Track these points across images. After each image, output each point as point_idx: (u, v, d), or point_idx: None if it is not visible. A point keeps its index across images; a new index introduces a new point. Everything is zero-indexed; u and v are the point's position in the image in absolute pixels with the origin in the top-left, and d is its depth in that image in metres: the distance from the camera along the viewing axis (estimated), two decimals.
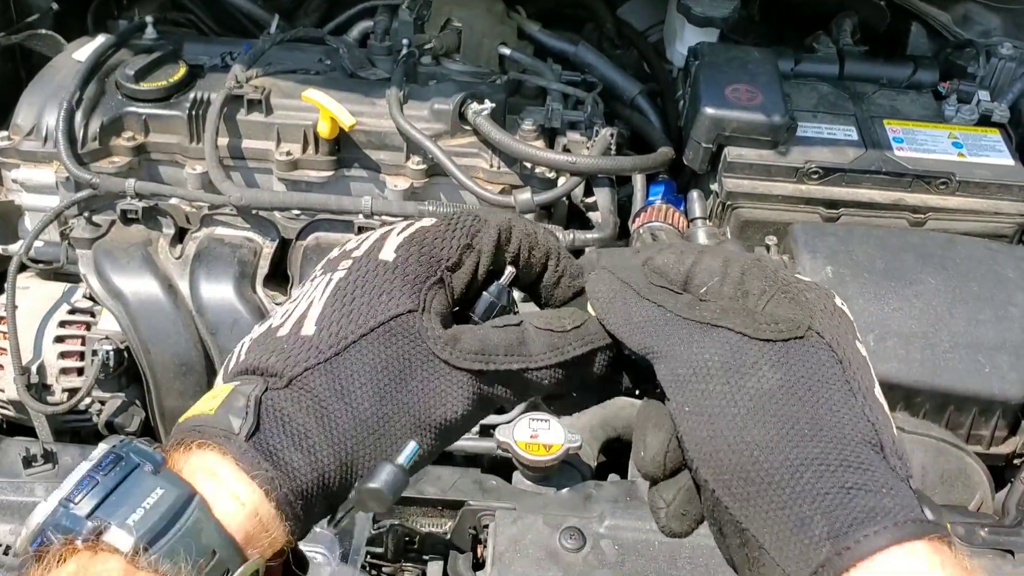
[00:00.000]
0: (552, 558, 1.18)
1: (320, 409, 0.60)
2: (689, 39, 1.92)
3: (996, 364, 1.41)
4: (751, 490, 0.55)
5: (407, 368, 0.62)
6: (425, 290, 0.64)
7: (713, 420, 0.57)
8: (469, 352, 0.63)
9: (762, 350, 0.58)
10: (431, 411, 0.63)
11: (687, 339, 0.60)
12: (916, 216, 1.65)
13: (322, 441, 0.60)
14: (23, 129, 1.69)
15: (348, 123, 1.63)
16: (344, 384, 0.61)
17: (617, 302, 0.65)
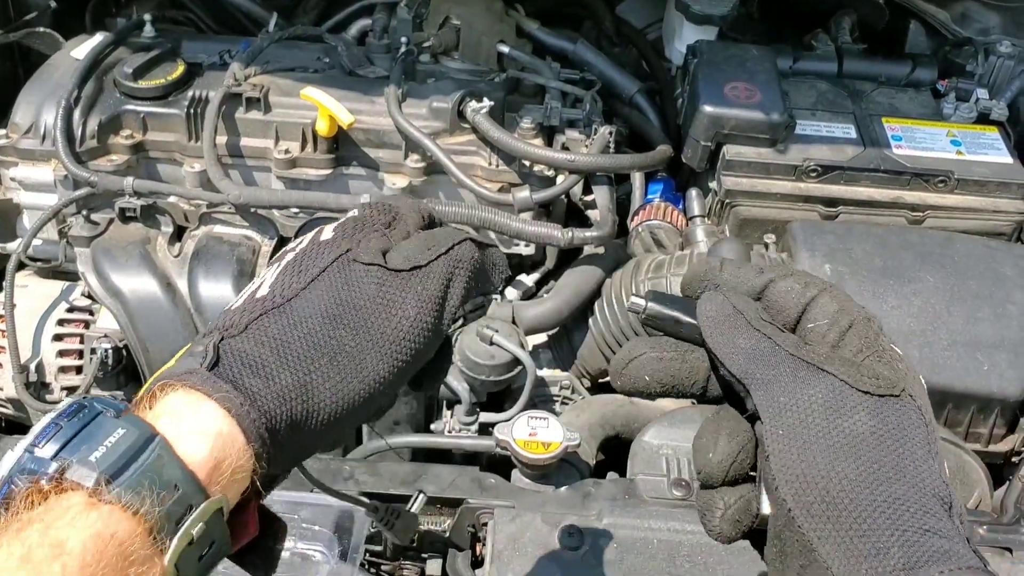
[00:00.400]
0: (551, 556, 1.18)
1: (275, 341, 0.64)
2: (688, 37, 1.92)
3: (994, 362, 1.41)
4: (832, 514, 0.59)
5: (353, 291, 0.67)
6: (359, 236, 0.72)
7: (807, 447, 0.61)
8: (401, 257, 0.70)
9: (860, 399, 0.63)
10: (386, 322, 0.67)
11: (793, 374, 0.64)
12: (914, 214, 1.65)
13: (278, 365, 0.63)
14: (21, 127, 1.69)
15: (347, 121, 1.62)
16: (296, 319, 0.65)
17: (725, 326, 0.68)
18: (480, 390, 1.57)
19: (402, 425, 1.63)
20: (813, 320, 0.68)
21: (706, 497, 0.68)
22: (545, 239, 1.63)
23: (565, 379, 1.66)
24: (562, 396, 1.65)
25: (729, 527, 0.67)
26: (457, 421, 1.56)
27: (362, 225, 0.73)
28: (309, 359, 0.64)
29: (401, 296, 0.68)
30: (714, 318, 0.69)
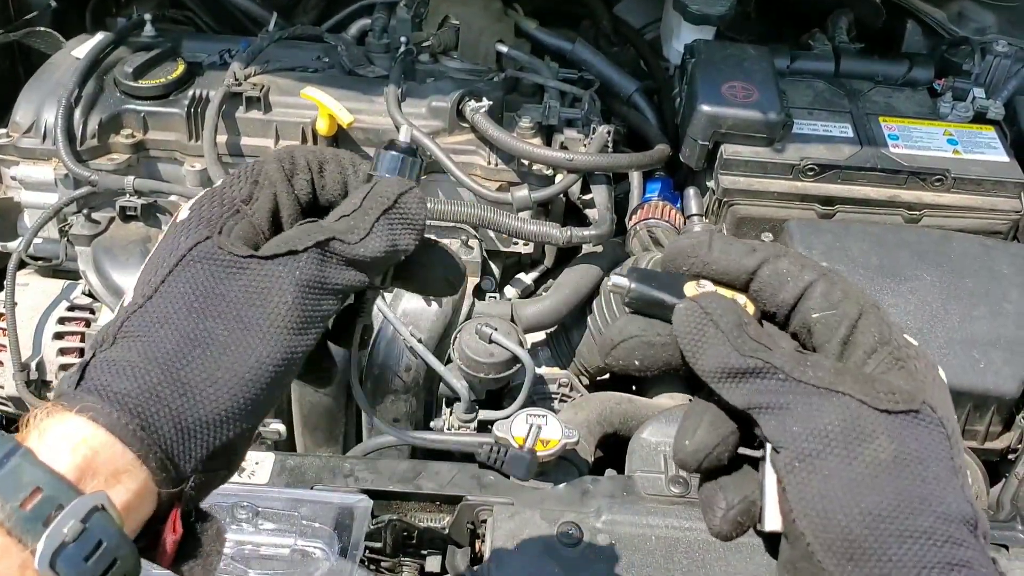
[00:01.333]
0: (549, 552, 1.19)
1: (140, 341, 0.60)
2: (685, 36, 1.93)
3: (991, 360, 1.42)
4: (855, 552, 0.57)
5: (219, 282, 0.62)
6: (220, 221, 0.65)
7: (828, 481, 0.58)
8: (272, 244, 0.65)
9: (879, 420, 0.59)
10: (261, 310, 0.62)
11: (804, 401, 0.60)
12: (911, 213, 1.66)
13: (143, 362, 0.59)
14: (22, 126, 1.69)
15: (346, 120, 1.63)
16: (159, 315, 0.61)
17: (710, 350, 0.62)
18: (479, 388, 1.58)
19: (401, 422, 1.64)
20: (817, 308, 0.63)
21: (709, 493, 0.65)
22: (544, 238, 1.63)
23: (564, 377, 1.66)
24: (561, 394, 1.65)
25: (729, 528, 0.64)
26: (456, 419, 1.56)
27: (220, 201, 0.67)
28: (178, 353, 0.60)
29: (277, 284, 0.63)
30: (694, 339, 0.62)
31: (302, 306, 0.63)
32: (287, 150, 0.70)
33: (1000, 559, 1.23)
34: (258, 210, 0.67)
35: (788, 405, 0.59)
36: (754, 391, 0.60)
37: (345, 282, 0.65)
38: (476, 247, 1.68)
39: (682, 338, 0.63)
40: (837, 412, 0.59)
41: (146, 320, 0.61)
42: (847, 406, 0.59)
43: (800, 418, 0.59)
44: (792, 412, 0.59)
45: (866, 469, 0.58)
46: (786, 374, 0.60)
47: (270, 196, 0.68)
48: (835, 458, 0.58)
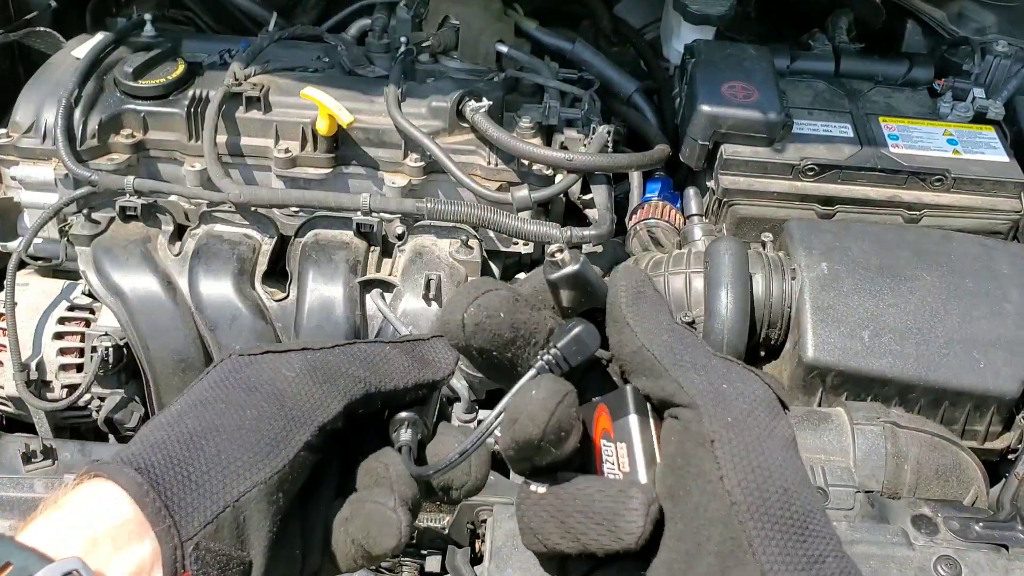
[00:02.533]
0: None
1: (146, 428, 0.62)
2: (685, 36, 1.93)
3: (991, 360, 1.42)
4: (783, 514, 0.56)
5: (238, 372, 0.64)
6: None
7: (762, 440, 0.58)
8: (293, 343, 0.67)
9: (780, 407, 0.61)
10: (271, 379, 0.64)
11: (731, 369, 0.61)
12: (911, 213, 1.66)
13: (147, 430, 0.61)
14: (22, 126, 1.69)
15: (346, 120, 1.63)
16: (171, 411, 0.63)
17: (647, 304, 0.63)
18: (478, 388, 1.58)
19: None
20: None
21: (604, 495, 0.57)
22: (543, 238, 1.63)
23: None
24: None
25: (652, 526, 0.56)
26: (456, 418, 1.56)
27: None
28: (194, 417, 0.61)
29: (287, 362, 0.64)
30: (635, 289, 0.64)
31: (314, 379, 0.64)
32: None
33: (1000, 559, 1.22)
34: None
35: (716, 368, 0.60)
36: (680, 345, 0.61)
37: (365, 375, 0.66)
38: (476, 247, 1.68)
39: (623, 282, 0.64)
40: (760, 386, 0.60)
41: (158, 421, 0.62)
42: (766, 387, 0.61)
43: (730, 381, 0.60)
44: (719, 373, 0.60)
45: (783, 441, 0.59)
46: (706, 348, 0.62)
47: None
48: (764, 423, 0.58)
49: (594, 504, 0.57)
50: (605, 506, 0.56)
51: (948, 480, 1.38)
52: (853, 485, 1.30)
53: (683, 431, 0.58)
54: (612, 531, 0.56)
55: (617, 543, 0.56)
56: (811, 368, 1.43)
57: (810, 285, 1.47)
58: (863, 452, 1.35)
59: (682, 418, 0.58)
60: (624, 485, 0.57)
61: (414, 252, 1.67)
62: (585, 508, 0.57)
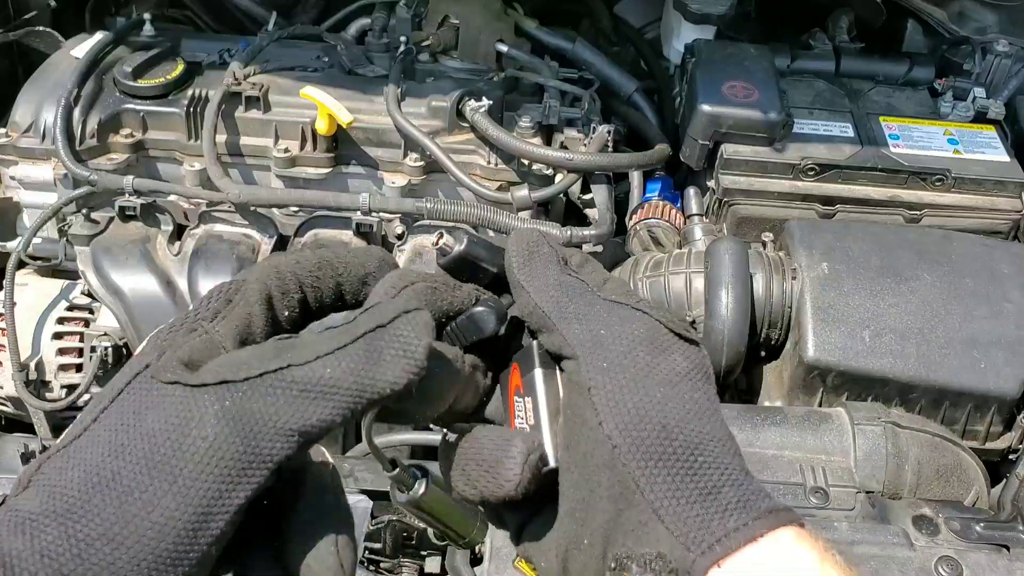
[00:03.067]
0: None
1: (44, 489, 0.51)
2: (686, 36, 1.92)
3: (991, 360, 1.42)
4: (665, 451, 0.56)
5: (141, 415, 0.52)
6: (166, 341, 0.55)
7: (639, 380, 0.58)
8: (212, 369, 0.53)
9: (674, 340, 0.61)
10: (176, 447, 0.51)
11: (612, 312, 0.62)
12: (912, 212, 1.66)
13: (45, 518, 0.50)
14: (21, 126, 1.69)
15: (346, 120, 1.63)
16: (76, 459, 0.52)
17: (540, 261, 0.65)
18: None
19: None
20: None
21: (493, 443, 0.58)
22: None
23: None
24: None
25: (530, 478, 0.57)
26: None
27: (180, 323, 0.57)
28: (82, 504, 0.50)
29: (199, 414, 0.51)
30: (527, 250, 0.65)
31: (232, 447, 0.51)
32: (277, 266, 0.61)
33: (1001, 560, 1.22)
34: (222, 327, 0.57)
35: (597, 313, 0.61)
36: (566, 294, 0.62)
37: (302, 421, 0.51)
38: None
39: (516, 251, 0.65)
40: (642, 325, 0.61)
41: (61, 463, 0.52)
42: (650, 323, 0.61)
43: (607, 324, 0.61)
44: (599, 318, 0.61)
45: (667, 376, 0.59)
46: (593, 291, 0.63)
47: (242, 316, 0.58)
48: (642, 361, 0.59)
49: (483, 452, 0.58)
50: (491, 454, 0.58)
51: (949, 480, 1.38)
52: (854, 485, 1.30)
53: (568, 382, 0.60)
54: (495, 478, 0.57)
55: (500, 490, 0.57)
56: (812, 368, 1.42)
57: (811, 285, 1.47)
58: (864, 452, 1.34)
59: (567, 369, 0.61)
60: (509, 435, 0.59)
61: (414, 252, 1.67)
62: (476, 456, 0.59)
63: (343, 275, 0.63)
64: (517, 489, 0.57)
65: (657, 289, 1.56)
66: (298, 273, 0.61)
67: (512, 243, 0.66)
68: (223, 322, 0.57)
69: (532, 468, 0.57)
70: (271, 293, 0.59)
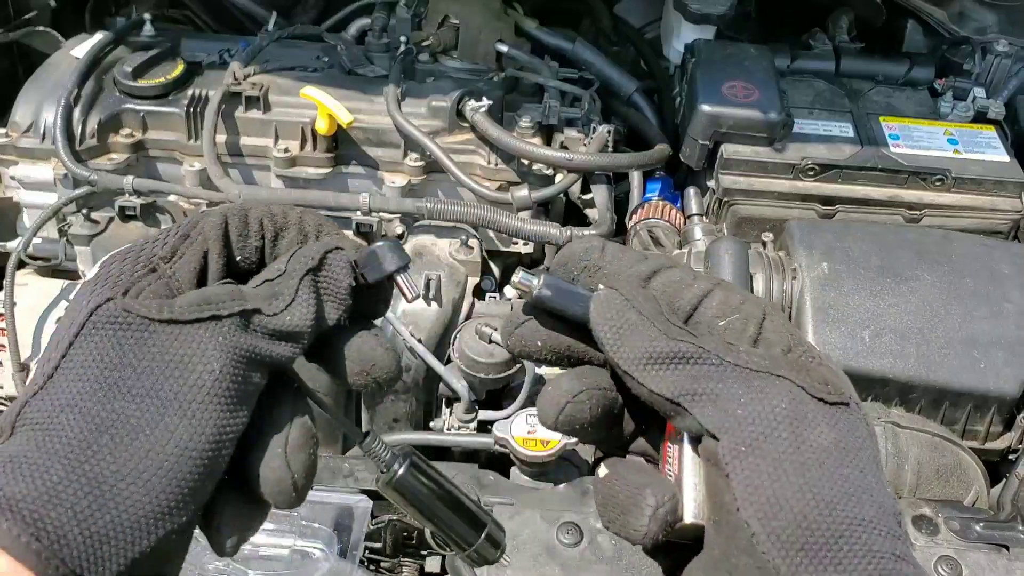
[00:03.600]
0: (549, 553, 1.19)
1: (38, 431, 0.51)
2: (686, 36, 1.92)
3: (991, 360, 1.42)
4: (807, 541, 0.53)
5: (128, 351, 0.53)
6: (129, 279, 0.55)
7: (779, 465, 0.54)
8: (191, 304, 0.54)
9: (818, 407, 0.56)
10: (180, 382, 0.53)
11: (745, 384, 0.56)
12: (912, 212, 1.66)
13: (42, 457, 0.50)
14: (21, 126, 1.69)
15: (346, 120, 1.63)
16: (61, 398, 0.52)
17: (634, 335, 0.57)
18: (479, 388, 1.58)
19: (401, 423, 1.64)
20: (720, 314, 0.60)
21: (625, 490, 0.59)
22: (544, 238, 1.63)
23: None
24: None
25: (658, 528, 0.57)
26: (456, 419, 1.56)
27: (135, 257, 0.57)
28: (84, 442, 0.50)
29: (200, 351, 0.53)
30: (618, 327, 0.57)
31: (231, 377, 0.54)
32: (241, 207, 0.61)
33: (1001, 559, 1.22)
34: (179, 269, 0.57)
35: (727, 389, 0.56)
36: (686, 376, 0.56)
37: (275, 354, 0.56)
38: (476, 247, 1.68)
39: (601, 324, 0.58)
40: (781, 396, 0.56)
41: (47, 405, 0.52)
42: (791, 391, 0.56)
43: (743, 402, 0.55)
44: (733, 396, 0.56)
45: (814, 455, 0.55)
46: (720, 358, 0.56)
47: (197, 255, 0.58)
48: (783, 442, 0.55)
49: (619, 495, 0.59)
50: (626, 499, 0.58)
51: (949, 480, 1.38)
52: None
53: (707, 462, 0.57)
54: (625, 524, 0.58)
55: (630, 536, 0.58)
56: None
57: (811, 285, 1.47)
58: None
59: (706, 448, 0.57)
60: (647, 481, 0.58)
61: (414, 252, 1.67)
62: (613, 497, 0.59)
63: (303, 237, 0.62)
64: (645, 539, 0.57)
65: None
66: (264, 220, 0.61)
67: (595, 313, 0.58)
68: (180, 262, 0.57)
69: (661, 521, 0.56)
70: (229, 233, 0.59)
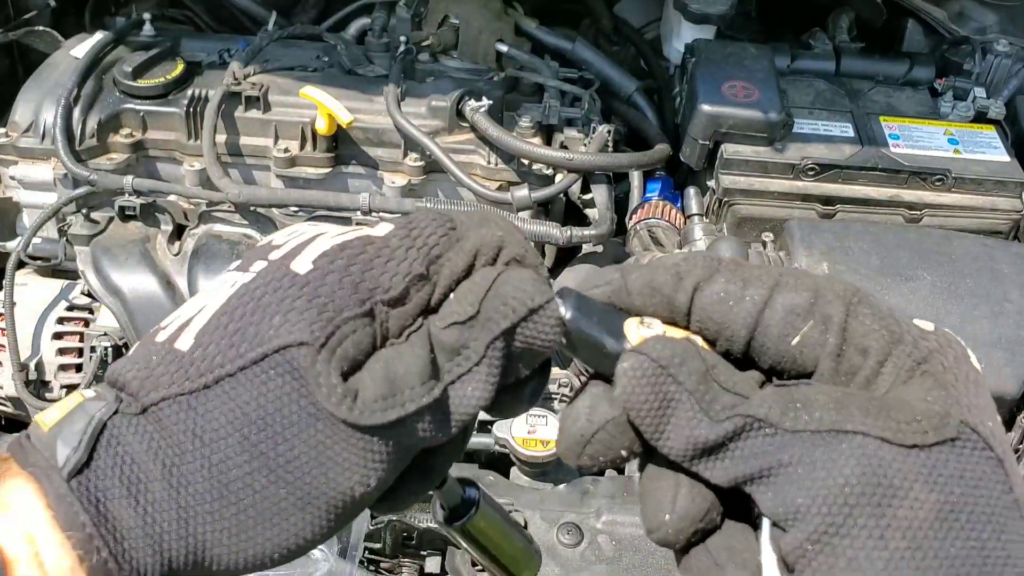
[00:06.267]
0: (549, 553, 1.19)
1: (171, 455, 0.47)
2: (686, 36, 1.92)
3: (991, 360, 1.42)
4: None
5: (291, 426, 0.47)
6: (337, 321, 0.47)
7: (854, 566, 0.43)
8: (376, 399, 0.47)
9: (908, 460, 0.44)
10: (322, 482, 0.47)
11: (805, 458, 0.44)
12: (912, 212, 1.66)
13: (166, 498, 0.46)
14: (21, 126, 1.69)
15: (346, 120, 1.63)
16: (207, 427, 0.47)
17: (675, 421, 0.47)
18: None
19: None
20: (790, 329, 0.48)
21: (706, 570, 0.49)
22: (544, 238, 1.63)
23: (564, 377, 1.66)
24: (561, 394, 1.65)
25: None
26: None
27: (361, 272, 0.48)
28: (208, 502, 0.47)
29: (363, 459, 0.47)
30: (655, 411, 0.47)
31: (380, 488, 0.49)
32: (497, 241, 0.50)
33: None
34: (397, 319, 0.49)
35: (785, 468, 0.45)
36: (739, 461, 0.46)
37: (439, 440, 0.49)
38: None
39: (635, 410, 0.47)
40: (851, 463, 0.44)
41: (190, 422, 0.47)
42: (863, 450, 0.44)
43: (804, 483, 0.44)
44: (792, 476, 0.45)
45: (903, 541, 0.43)
46: (775, 426, 0.45)
47: (424, 299, 0.49)
48: (860, 532, 0.43)
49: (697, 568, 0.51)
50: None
51: None
52: None
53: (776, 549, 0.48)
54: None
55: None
56: None
57: None
58: None
59: (775, 540, 0.47)
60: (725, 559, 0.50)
61: None
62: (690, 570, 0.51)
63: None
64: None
65: None
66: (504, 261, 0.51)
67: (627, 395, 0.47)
68: (403, 312, 0.49)
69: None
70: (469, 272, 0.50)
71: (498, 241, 0.50)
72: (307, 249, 0.49)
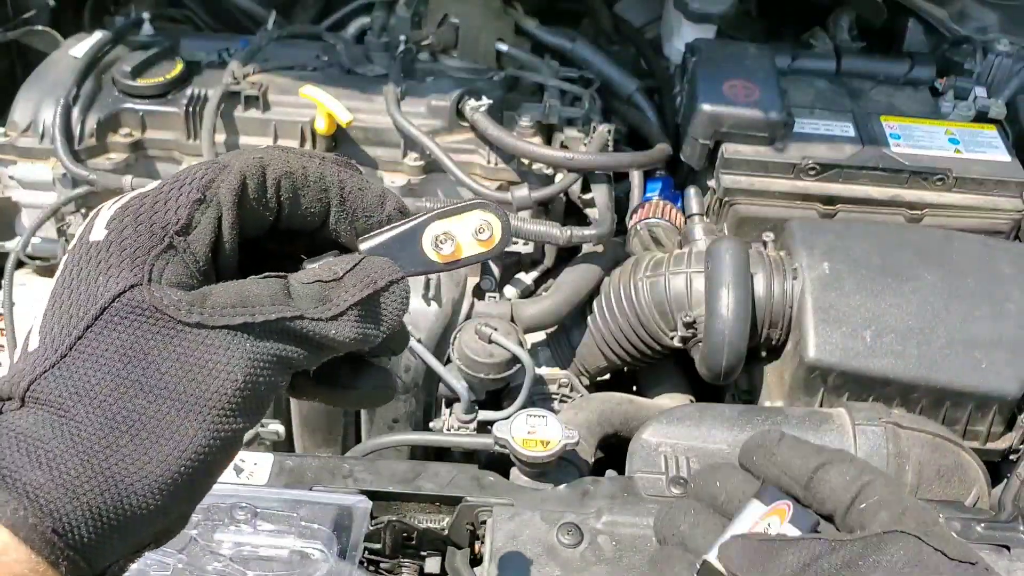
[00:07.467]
0: (549, 553, 1.18)
1: (55, 415, 0.50)
2: (686, 35, 1.92)
3: (992, 360, 1.42)
4: None
5: (151, 348, 0.51)
6: (149, 260, 0.52)
7: None
8: (224, 306, 0.52)
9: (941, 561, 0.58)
10: (202, 386, 0.52)
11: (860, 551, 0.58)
12: (913, 212, 1.65)
13: (61, 448, 0.49)
14: (20, 125, 1.69)
15: (345, 120, 1.63)
16: (78, 384, 0.51)
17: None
18: (479, 388, 1.57)
19: (400, 423, 1.63)
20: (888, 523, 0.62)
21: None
22: (544, 237, 1.63)
23: (564, 377, 1.66)
24: (561, 394, 1.65)
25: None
26: (456, 419, 1.56)
27: (149, 224, 0.54)
28: (103, 440, 0.50)
29: (225, 359, 0.52)
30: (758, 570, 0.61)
31: (253, 385, 0.53)
32: (258, 161, 0.57)
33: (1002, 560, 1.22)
34: (195, 243, 0.54)
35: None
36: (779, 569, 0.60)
37: (302, 362, 0.56)
38: None
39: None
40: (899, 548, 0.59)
41: (62, 387, 0.51)
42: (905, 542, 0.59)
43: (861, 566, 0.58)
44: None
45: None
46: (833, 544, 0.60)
47: (213, 224, 0.55)
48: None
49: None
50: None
51: (950, 481, 1.38)
52: None
53: None
54: None
55: None
56: (812, 368, 1.42)
57: (811, 285, 1.47)
58: (865, 453, 1.34)
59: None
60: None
61: None
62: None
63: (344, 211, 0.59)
64: None
65: (657, 289, 1.56)
66: (282, 178, 0.57)
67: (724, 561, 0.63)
68: (197, 235, 0.54)
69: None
70: (246, 196, 0.56)
71: (259, 161, 0.57)
72: (96, 221, 0.55)
